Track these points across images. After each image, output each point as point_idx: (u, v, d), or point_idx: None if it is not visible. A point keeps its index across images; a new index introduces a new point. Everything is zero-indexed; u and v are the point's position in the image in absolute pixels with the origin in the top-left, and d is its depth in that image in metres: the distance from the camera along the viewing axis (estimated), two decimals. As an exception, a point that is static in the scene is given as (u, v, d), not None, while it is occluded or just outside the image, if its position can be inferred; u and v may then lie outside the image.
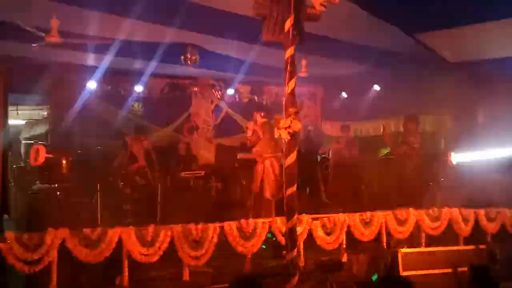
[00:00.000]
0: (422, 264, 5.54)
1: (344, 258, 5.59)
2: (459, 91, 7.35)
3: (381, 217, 5.87)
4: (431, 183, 7.19)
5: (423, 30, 6.24)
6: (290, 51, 3.96)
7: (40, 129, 8.80)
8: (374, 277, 4.82)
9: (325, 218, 5.58)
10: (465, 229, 6.23)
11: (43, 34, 5.40)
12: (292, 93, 3.99)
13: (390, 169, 8.08)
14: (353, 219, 5.73)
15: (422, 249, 5.91)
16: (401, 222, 5.97)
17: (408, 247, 5.84)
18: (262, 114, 6.94)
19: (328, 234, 5.53)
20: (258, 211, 6.73)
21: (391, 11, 5.69)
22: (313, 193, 9.07)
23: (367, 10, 5.74)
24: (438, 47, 6.76)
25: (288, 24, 3.93)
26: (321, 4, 3.95)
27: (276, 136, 4.07)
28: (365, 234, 5.75)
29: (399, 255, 5.55)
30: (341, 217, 5.69)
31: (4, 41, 6.46)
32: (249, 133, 6.92)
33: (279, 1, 4.02)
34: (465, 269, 4.97)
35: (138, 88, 9.19)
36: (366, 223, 5.81)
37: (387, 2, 5.30)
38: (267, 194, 6.75)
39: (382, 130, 8.97)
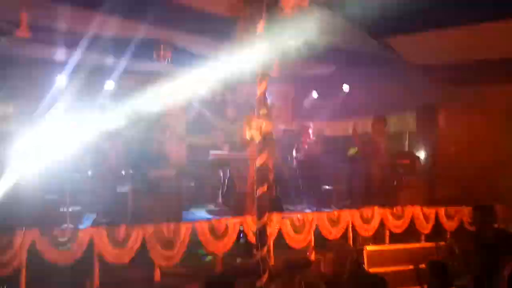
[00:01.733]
0: (386, 261, 5.80)
1: (313, 257, 5.76)
2: (422, 93, 7.67)
3: (348, 216, 6.08)
4: (395, 182, 7.47)
5: (389, 34, 6.48)
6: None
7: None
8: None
9: (294, 217, 5.73)
10: (426, 227, 6.55)
11: (12, 28, 5.25)
12: (264, 94, 4.08)
13: (357, 168, 8.32)
14: (321, 218, 5.91)
15: (386, 246, 6.18)
16: (366, 220, 6.20)
17: (373, 244, 6.10)
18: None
19: (297, 232, 5.69)
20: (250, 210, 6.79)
21: (358, 16, 5.88)
22: (283, 192, 9.22)
23: (336, 14, 5.90)
24: (403, 50, 7.02)
25: (260, 25, 4.00)
26: (291, 7, 4.04)
27: (248, 136, 4.14)
28: (333, 233, 5.95)
29: (365, 253, 5.79)
30: (309, 216, 5.87)
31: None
32: (245, 133, 6.92)
33: (252, 3, 4.10)
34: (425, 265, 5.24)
35: (109, 85, 9.03)
36: (334, 222, 6.00)
37: (355, 7, 5.47)
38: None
39: (351, 130, 9.21)
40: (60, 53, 7.53)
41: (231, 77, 10.44)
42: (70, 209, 6.29)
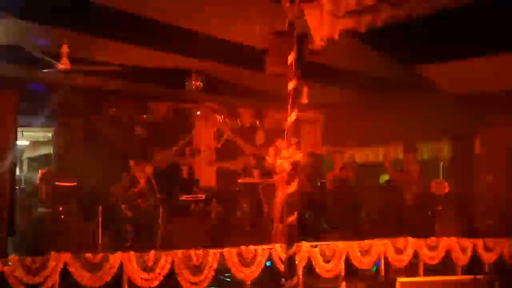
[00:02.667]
0: (420, 294, 5.56)
1: (343, 287, 5.61)
2: (457, 121, 7.50)
3: (380, 246, 5.91)
4: (430, 213, 7.24)
5: (421, 62, 6.45)
6: (292, 84, 4.11)
7: (44, 150, 8.92)
8: None
9: (324, 246, 5.62)
10: (463, 259, 6.27)
11: (53, 61, 5.57)
12: (294, 123, 4.11)
13: (389, 197, 8.14)
14: (352, 247, 5.77)
15: (420, 278, 5.94)
16: (399, 251, 6.01)
17: (406, 276, 5.88)
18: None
19: (327, 261, 5.57)
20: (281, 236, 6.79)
21: (390, 44, 5.89)
22: (313, 219, 9.11)
23: (367, 43, 5.94)
24: (436, 78, 6.95)
25: (291, 58, 4.08)
26: (321, 40, 4.10)
27: (277, 164, 4.17)
28: (364, 262, 5.79)
29: (397, 284, 5.58)
30: (340, 245, 5.74)
31: (13, 65, 6.64)
32: (271, 159, 7.01)
33: (282, 36, 4.20)
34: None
35: (142, 112, 9.37)
36: (365, 251, 5.85)
37: (386, 36, 5.49)
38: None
39: (382, 157, 9.06)
40: (98, 82, 7.88)
41: (260, 104, 10.64)
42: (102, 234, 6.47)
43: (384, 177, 9.36)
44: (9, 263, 4.03)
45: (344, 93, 9.02)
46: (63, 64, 5.37)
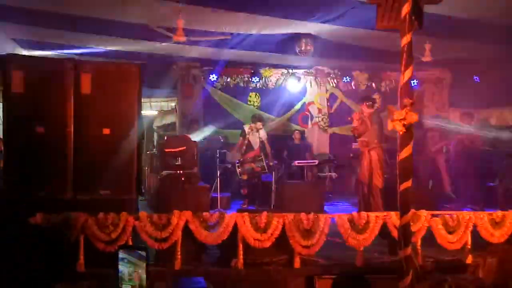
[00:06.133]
0: None
1: (469, 260, 5.13)
2: None
3: (516, 218, 5.22)
4: None
5: None
6: (406, 39, 3.71)
7: (170, 119, 9.74)
8: None
9: (447, 215, 5.17)
10: None
11: (170, 34, 5.93)
12: (408, 83, 3.74)
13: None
14: (481, 218, 5.20)
15: None
16: (541, 225, 5.23)
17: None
18: (369, 104, 6.96)
19: (450, 232, 5.13)
20: (368, 201, 6.75)
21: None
22: (437, 186, 8.48)
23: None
24: None
25: (405, 10, 3.67)
26: (440, -15, 3.61)
27: (389, 128, 3.87)
28: (495, 235, 5.19)
29: (537, 261, 4.91)
30: (465, 214, 5.22)
31: (137, 41, 7.26)
32: (356, 123, 6.95)
33: (394, -14, 3.79)
34: None
35: (255, 79, 9.56)
36: (496, 223, 5.23)
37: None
38: (378, 183, 6.74)
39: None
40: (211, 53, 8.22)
41: (374, 64, 10.01)
42: (220, 195, 6.92)
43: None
44: (140, 219, 4.53)
45: (476, 47, 7.95)
46: (180, 37, 5.67)
